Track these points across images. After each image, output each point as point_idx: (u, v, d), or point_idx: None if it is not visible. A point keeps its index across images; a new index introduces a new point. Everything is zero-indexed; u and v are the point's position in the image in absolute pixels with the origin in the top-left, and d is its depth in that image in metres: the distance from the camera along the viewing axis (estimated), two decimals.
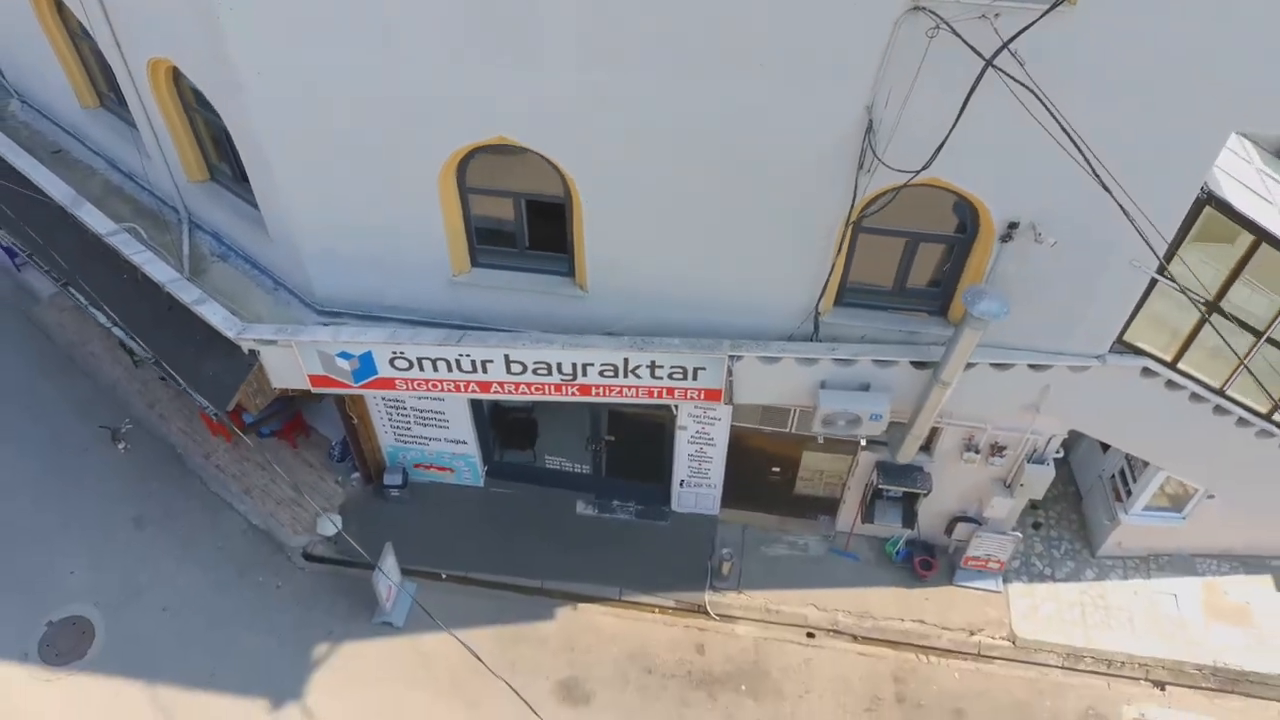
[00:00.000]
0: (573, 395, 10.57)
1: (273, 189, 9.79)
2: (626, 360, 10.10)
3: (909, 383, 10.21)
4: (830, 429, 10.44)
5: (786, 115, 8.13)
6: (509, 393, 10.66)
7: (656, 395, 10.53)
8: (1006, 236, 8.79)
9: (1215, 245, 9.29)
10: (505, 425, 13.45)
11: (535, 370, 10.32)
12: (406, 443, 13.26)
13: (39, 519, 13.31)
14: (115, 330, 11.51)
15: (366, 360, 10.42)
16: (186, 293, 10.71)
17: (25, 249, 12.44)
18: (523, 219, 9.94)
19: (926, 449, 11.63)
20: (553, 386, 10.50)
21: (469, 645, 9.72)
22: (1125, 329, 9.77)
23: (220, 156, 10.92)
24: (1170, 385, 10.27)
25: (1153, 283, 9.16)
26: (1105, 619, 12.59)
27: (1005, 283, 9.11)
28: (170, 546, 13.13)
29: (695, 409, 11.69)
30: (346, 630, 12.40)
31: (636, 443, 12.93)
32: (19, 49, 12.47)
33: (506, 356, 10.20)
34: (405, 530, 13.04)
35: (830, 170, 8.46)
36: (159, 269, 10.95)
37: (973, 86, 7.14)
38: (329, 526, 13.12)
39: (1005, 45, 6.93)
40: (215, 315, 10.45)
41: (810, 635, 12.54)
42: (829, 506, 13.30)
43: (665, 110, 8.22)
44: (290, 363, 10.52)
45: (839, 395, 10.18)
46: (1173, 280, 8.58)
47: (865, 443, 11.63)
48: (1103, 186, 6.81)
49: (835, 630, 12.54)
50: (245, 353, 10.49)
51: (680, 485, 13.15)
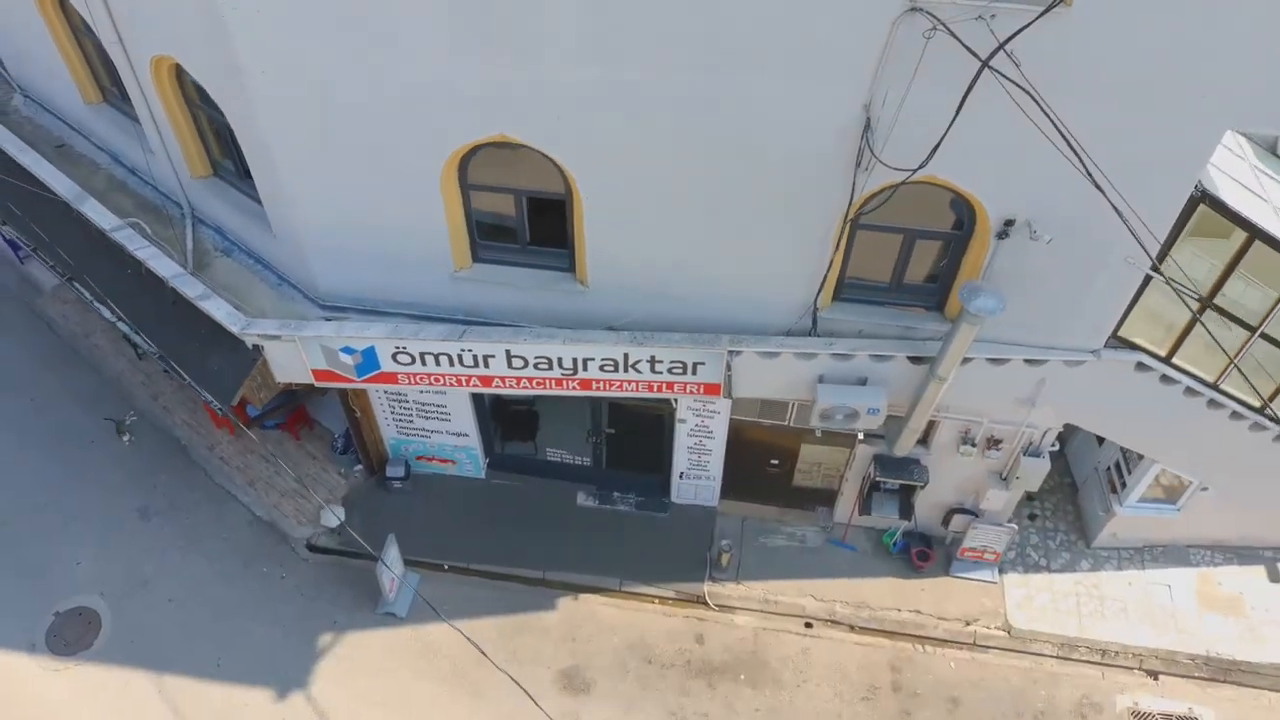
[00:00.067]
0: (573, 390, 10.68)
1: (276, 185, 9.87)
2: (626, 355, 10.20)
3: (906, 377, 10.31)
4: (828, 423, 10.56)
5: (785, 114, 8.22)
6: (510, 387, 10.77)
7: (656, 389, 10.64)
8: (1003, 234, 8.87)
9: (1211, 240, 9.37)
10: (506, 418, 13.53)
11: (536, 365, 10.42)
12: (409, 435, 13.37)
13: (45, 511, 13.42)
14: (120, 325, 11.59)
15: (369, 355, 10.52)
16: (190, 288, 10.80)
17: (30, 244, 12.49)
18: (524, 215, 10.03)
19: (923, 442, 11.73)
20: (554, 381, 10.61)
21: (471, 636, 9.88)
22: (1120, 324, 9.86)
23: (223, 152, 10.97)
24: (1165, 380, 10.36)
25: (1147, 279, 9.24)
26: (1100, 609, 12.72)
27: (1001, 279, 9.20)
28: (175, 538, 13.25)
29: (695, 402, 11.80)
30: (351, 620, 12.53)
31: (636, 435, 13.04)
32: (22, 43, 12.49)
33: (508, 351, 10.30)
34: (408, 521, 13.13)
35: (829, 168, 8.54)
36: (163, 264, 11.03)
37: (969, 87, 7.22)
38: (332, 518, 13.24)
39: (1001, 46, 7.00)
40: (219, 310, 10.54)
41: (808, 625, 12.67)
42: (827, 498, 13.41)
43: (665, 109, 8.31)
44: (294, 357, 10.62)
45: (837, 390, 10.29)
46: (1166, 278, 8.65)
47: (863, 436, 11.70)
48: (1096, 187, 6.90)
49: (833, 620, 12.68)
50: (249, 347, 10.57)
51: (680, 477, 13.26)
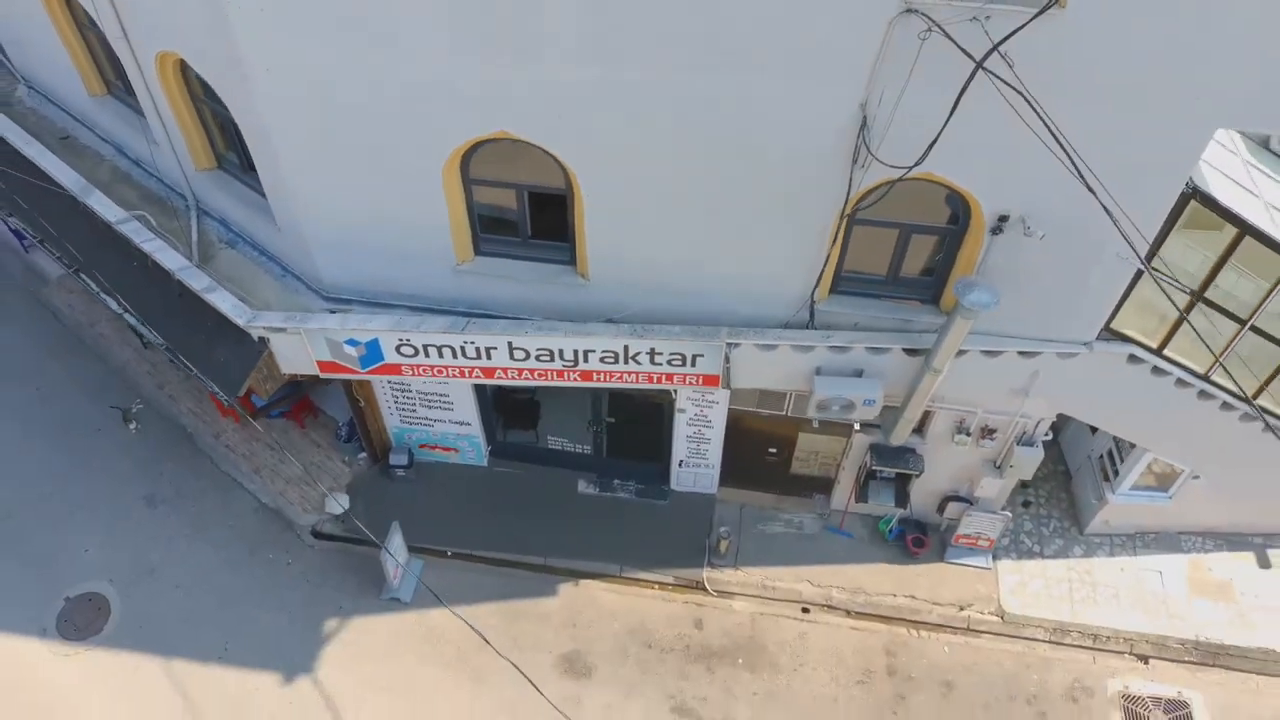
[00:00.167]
0: (574, 381, 10.83)
1: (280, 180, 9.97)
2: (627, 347, 10.35)
3: (902, 369, 10.46)
4: (825, 413, 10.72)
5: (783, 111, 8.33)
6: (512, 378, 10.91)
7: (656, 381, 10.79)
8: (997, 229, 9.00)
9: (1204, 232, 9.48)
10: (508, 407, 13.69)
11: (538, 357, 10.56)
12: (412, 424, 13.54)
13: (51, 499, 13.59)
14: (127, 317, 11.70)
15: (373, 347, 10.66)
16: (196, 280, 10.90)
17: (36, 236, 12.58)
18: (525, 209, 10.14)
19: (919, 431, 11.90)
20: (555, 372, 10.75)
21: (474, 621, 10.05)
22: (1112, 317, 10.00)
23: (228, 145, 11.08)
24: (1156, 371, 10.51)
25: (1139, 273, 9.37)
26: (1092, 595, 12.92)
27: (995, 273, 9.34)
28: (182, 525, 13.43)
29: (694, 393, 11.96)
30: (355, 606, 12.73)
31: (636, 424, 13.20)
32: (26, 35, 12.55)
33: (510, 344, 10.44)
34: (411, 509, 13.31)
35: (827, 166, 8.66)
36: (169, 256, 11.12)
37: (963, 88, 7.32)
38: (337, 505, 13.41)
39: (995, 48, 7.11)
40: (225, 303, 10.65)
41: (805, 610, 12.88)
42: (824, 486, 13.60)
43: (665, 109, 8.42)
44: (299, 349, 10.75)
45: (834, 381, 10.44)
46: (1155, 276, 8.77)
47: (859, 426, 11.89)
48: (1087, 188, 7.01)
49: (829, 606, 12.89)
50: (255, 339, 10.69)
51: (679, 465, 13.44)
